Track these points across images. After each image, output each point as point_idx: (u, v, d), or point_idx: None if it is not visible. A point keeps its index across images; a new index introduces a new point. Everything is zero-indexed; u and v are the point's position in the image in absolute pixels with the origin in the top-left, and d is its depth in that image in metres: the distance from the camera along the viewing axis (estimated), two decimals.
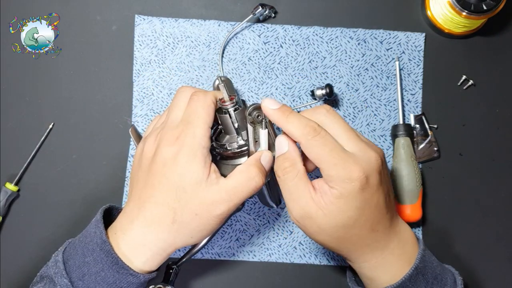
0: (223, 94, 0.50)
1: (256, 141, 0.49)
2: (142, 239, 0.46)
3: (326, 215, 0.44)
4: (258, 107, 0.48)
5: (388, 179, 0.48)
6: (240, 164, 0.49)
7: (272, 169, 0.50)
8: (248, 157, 0.49)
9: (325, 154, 0.44)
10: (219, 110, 0.50)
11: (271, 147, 0.50)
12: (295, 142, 0.47)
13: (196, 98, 0.48)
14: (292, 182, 0.46)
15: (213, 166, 0.47)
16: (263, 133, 0.49)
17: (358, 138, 0.46)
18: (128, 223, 0.47)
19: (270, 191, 0.55)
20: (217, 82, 0.52)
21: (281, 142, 0.47)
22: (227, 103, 0.50)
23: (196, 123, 0.47)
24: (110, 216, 0.51)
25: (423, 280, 0.46)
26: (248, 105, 0.48)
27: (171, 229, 0.46)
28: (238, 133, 0.50)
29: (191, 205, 0.46)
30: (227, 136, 0.51)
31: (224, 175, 0.49)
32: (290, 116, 0.46)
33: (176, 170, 0.46)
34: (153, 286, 0.48)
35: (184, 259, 0.53)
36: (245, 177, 0.47)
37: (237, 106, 0.50)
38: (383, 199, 0.45)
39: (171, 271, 0.52)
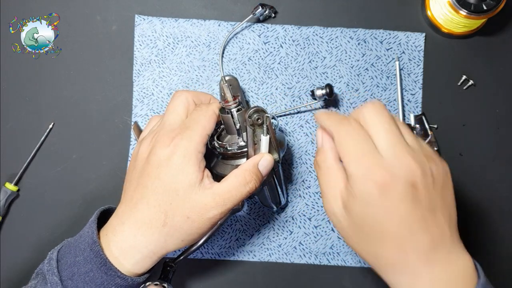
0: (227, 94, 0.50)
1: (255, 144, 0.49)
2: (132, 241, 0.46)
3: (347, 214, 0.42)
4: (258, 110, 0.48)
5: (441, 196, 0.41)
6: (240, 164, 0.49)
7: (272, 170, 0.50)
8: (247, 159, 0.49)
9: (350, 146, 0.41)
10: (222, 110, 0.50)
11: (271, 151, 0.49)
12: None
13: (198, 109, 0.49)
14: (322, 177, 0.44)
15: (207, 171, 0.47)
16: (265, 139, 0.48)
17: (399, 142, 0.41)
18: (119, 224, 0.47)
19: (270, 192, 0.55)
20: (222, 82, 0.52)
21: (318, 135, 0.46)
22: (230, 103, 0.50)
23: (195, 128, 0.47)
24: (108, 218, 0.51)
25: None
26: (249, 108, 0.48)
27: (162, 232, 0.46)
28: (239, 134, 0.50)
29: (182, 208, 0.45)
30: (229, 136, 0.51)
31: (223, 174, 0.49)
32: (332, 112, 0.45)
33: (170, 171, 0.45)
34: (150, 283, 0.48)
35: (181, 257, 0.53)
36: (239, 182, 0.46)
37: (240, 106, 0.50)
38: (417, 216, 0.39)
39: (168, 268, 0.52)
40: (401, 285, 0.41)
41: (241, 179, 0.46)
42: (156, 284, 0.48)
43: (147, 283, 0.48)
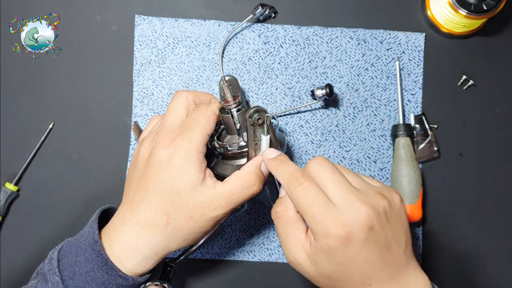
0: (226, 94, 0.50)
1: (256, 144, 0.49)
2: (134, 241, 0.46)
3: (313, 264, 0.43)
4: (259, 110, 0.48)
5: (394, 229, 0.43)
6: (240, 164, 0.49)
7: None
8: (247, 159, 0.49)
9: (305, 206, 0.42)
10: (222, 110, 0.50)
11: None
12: None
13: (198, 109, 0.49)
14: (282, 228, 0.45)
15: (208, 171, 0.47)
16: (265, 139, 0.48)
17: (348, 189, 0.42)
18: (121, 225, 0.47)
19: (271, 192, 0.55)
20: (221, 82, 0.52)
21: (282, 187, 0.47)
22: (230, 103, 0.50)
23: (196, 129, 0.47)
24: (109, 217, 0.51)
25: None
26: (249, 108, 0.48)
27: (164, 232, 0.46)
28: (239, 134, 0.50)
29: (185, 208, 0.45)
30: (229, 136, 0.51)
31: (223, 175, 0.49)
32: (280, 165, 0.45)
33: (171, 172, 0.46)
34: (150, 283, 0.48)
35: (182, 257, 0.53)
36: (242, 184, 0.46)
37: (240, 106, 0.50)
38: (377, 254, 0.42)
39: (168, 268, 0.52)
40: None
41: (244, 182, 0.46)
42: (156, 284, 0.48)
43: (148, 284, 0.48)
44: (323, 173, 0.43)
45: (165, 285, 0.49)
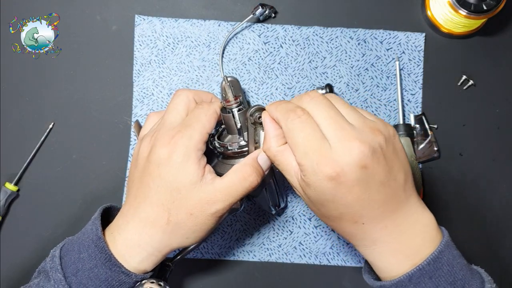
0: (228, 94, 0.50)
1: (256, 143, 0.49)
2: (137, 239, 0.46)
3: (305, 194, 0.43)
4: (260, 109, 0.48)
5: (391, 166, 0.42)
6: None
7: (272, 171, 0.50)
8: None
9: (300, 140, 0.41)
10: (223, 110, 0.50)
11: None
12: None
13: (200, 107, 0.49)
14: (276, 163, 0.45)
15: (208, 167, 0.47)
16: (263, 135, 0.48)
17: (342, 127, 0.41)
18: (124, 223, 0.47)
19: (270, 195, 0.55)
20: (223, 82, 0.52)
21: (263, 123, 0.46)
22: (231, 103, 0.50)
23: (196, 127, 0.47)
24: (110, 216, 0.51)
25: (431, 284, 0.41)
26: (251, 107, 0.48)
27: (166, 230, 0.46)
28: (240, 134, 0.50)
29: (185, 205, 0.46)
30: (229, 136, 0.51)
31: (223, 175, 0.49)
32: (280, 103, 0.45)
33: (170, 170, 0.46)
34: (146, 281, 0.48)
35: (179, 257, 0.53)
36: (239, 177, 0.46)
37: (241, 106, 0.50)
38: (370, 193, 0.41)
39: (166, 268, 0.52)
40: (361, 248, 0.44)
41: (241, 174, 0.47)
42: (152, 282, 0.48)
43: (143, 281, 0.48)
44: (317, 110, 0.43)
45: (161, 283, 0.49)
